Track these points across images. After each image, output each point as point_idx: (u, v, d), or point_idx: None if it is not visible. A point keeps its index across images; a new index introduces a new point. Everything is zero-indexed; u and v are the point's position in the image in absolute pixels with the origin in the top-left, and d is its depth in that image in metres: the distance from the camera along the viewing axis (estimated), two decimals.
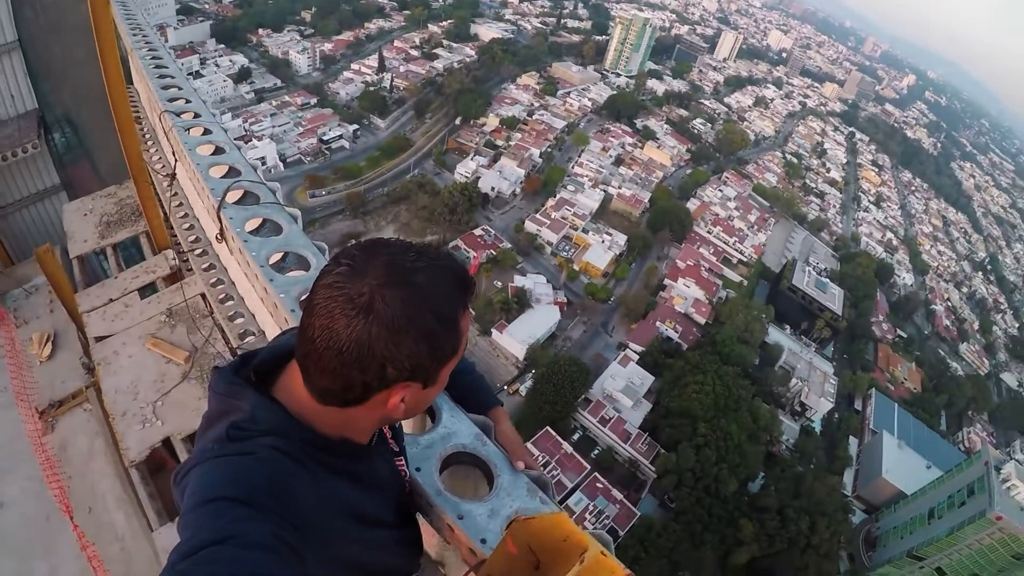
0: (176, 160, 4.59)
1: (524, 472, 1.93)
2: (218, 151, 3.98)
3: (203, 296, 5.69)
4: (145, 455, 4.68)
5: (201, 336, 5.54)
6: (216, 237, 3.43)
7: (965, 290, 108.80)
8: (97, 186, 9.95)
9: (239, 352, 4.20)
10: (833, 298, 74.21)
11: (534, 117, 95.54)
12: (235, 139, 4.18)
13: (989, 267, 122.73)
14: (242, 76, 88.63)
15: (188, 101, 4.75)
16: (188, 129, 4.22)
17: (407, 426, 2.14)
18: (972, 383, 76.15)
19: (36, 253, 6.90)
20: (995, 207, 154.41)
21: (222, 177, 3.62)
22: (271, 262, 2.82)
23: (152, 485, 4.83)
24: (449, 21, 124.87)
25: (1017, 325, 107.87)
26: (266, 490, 1.06)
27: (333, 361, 1.11)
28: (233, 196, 3.32)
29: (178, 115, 4.42)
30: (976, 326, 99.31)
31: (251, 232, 3.04)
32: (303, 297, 2.68)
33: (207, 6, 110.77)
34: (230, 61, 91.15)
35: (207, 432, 1.25)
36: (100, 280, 6.97)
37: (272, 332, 4.06)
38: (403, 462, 1.72)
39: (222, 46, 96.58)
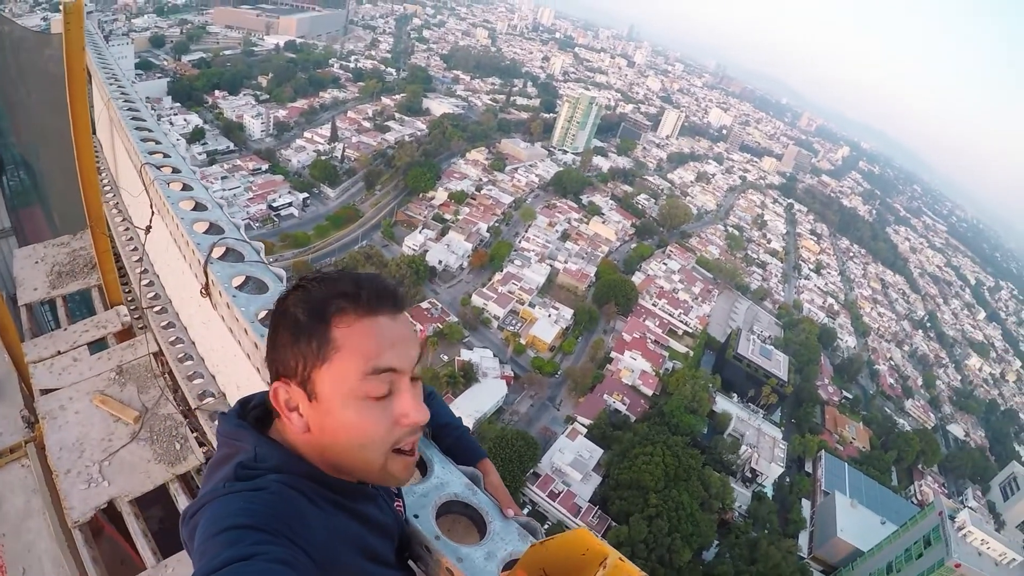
0: (153, 213, 4.51)
1: (514, 519, 2.02)
2: (199, 207, 4.02)
3: (155, 355, 5.53)
4: (90, 516, 4.41)
5: (152, 396, 5.31)
6: (201, 292, 3.39)
7: (907, 348, 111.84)
8: (48, 233, 9.84)
9: (195, 412, 4.50)
10: (778, 364, 75.28)
11: (482, 192, 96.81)
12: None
13: (928, 324, 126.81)
14: (195, 136, 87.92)
15: (167, 156, 4.76)
16: (168, 183, 4.26)
17: None
18: (920, 437, 77.17)
19: None
20: (930, 267, 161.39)
21: (205, 232, 3.66)
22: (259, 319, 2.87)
23: (96, 548, 4.43)
24: (402, 95, 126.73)
25: (959, 378, 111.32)
26: (281, 520, 1.10)
27: None
28: (216, 252, 3.38)
29: (158, 168, 4.45)
30: (920, 382, 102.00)
31: (236, 288, 3.09)
32: None
33: (166, 63, 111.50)
34: (184, 120, 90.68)
35: (215, 474, 1.29)
36: (45, 331, 6.67)
37: (236, 393, 4.14)
38: (401, 505, 1.80)
39: (178, 104, 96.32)
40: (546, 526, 45.50)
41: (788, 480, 64.70)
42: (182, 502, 4.42)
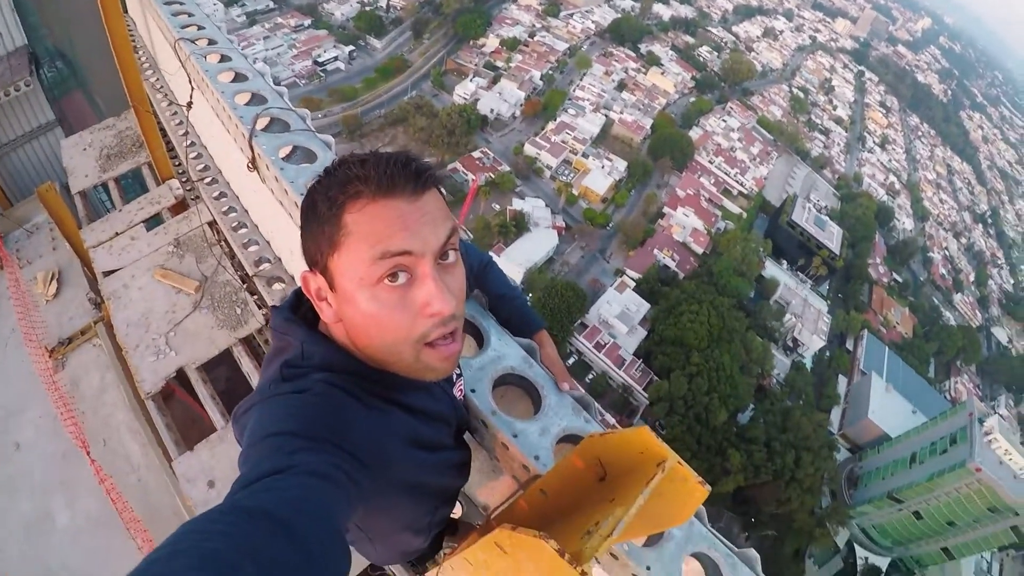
0: (193, 89, 4.35)
1: (569, 393, 2.01)
2: (239, 78, 3.84)
3: (210, 224, 5.72)
4: (160, 386, 4.66)
5: (210, 265, 5.50)
6: (248, 166, 3.34)
7: (964, 241, 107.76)
8: (92, 119, 9.77)
9: (253, 278, 4.58)
10: (831, 236, 73.58)
11: (535, 39, 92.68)
12: None
13: (990, 220, 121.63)
14: None
15: (201, 27, 4.48)
16: (205, 56, 4.08)
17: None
18: (963, 334, 76.05)
19: (38, 192, 6.89)
20: (1001, 161, 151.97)
21: (247, 104, 3.54)
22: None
23: (168, 415, 4.72)
24: None
25: (1012, 281, 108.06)
26: (322, 423, 1.07)
27: None
28: (260, 123, 3.26)
29: (193, 42, 4.21)
30: (972, 278, 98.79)
31: (283, 159, 3.05)
32: None
33: None
34: None
35: (267, 370, 1.27)
36: (102, 215, 6.79)
37: (291, 259, 4.25)
38: (462, 384, 1.76)
39: None
40: (590, 376, 46.94)
41: (828, 354, 64.69)
42: (246, 364, 4.69)
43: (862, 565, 49.76)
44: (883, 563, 50.24)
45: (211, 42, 4.26)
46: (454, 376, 1.63)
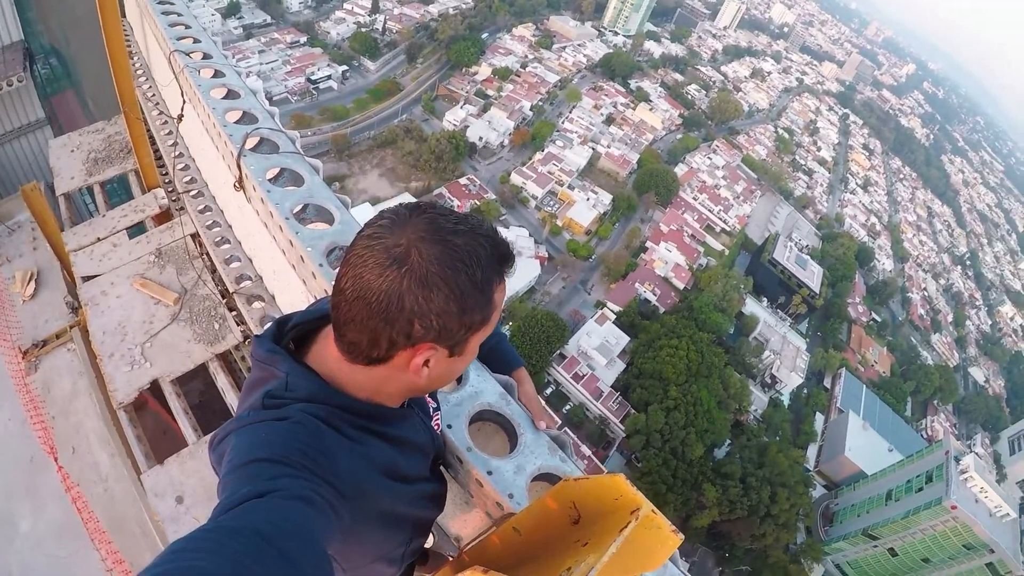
0: (185, 102, 4.47)
1: (545, 431, 2.03)
2: (231, 95, 3.88)
3: (192, 237, 5.69)
4: (133, 397, 4.62)
5: (190, 278, 5.48)
6: (234, 185, 3.35)
7: (943, 282, 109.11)
8: (82, 120, 9.89)
9: (233, 295, 4.54)
10: (812, 275, 74.34)
11: (527, 69, 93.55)
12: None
13: (968, 262, 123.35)
14: (231, 11, 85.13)
15: (197, 40, 4.56)
16: (199, 70, 4.13)
17: None
18: (940, 373, 76.83)
19: (22, 191, 6.73)
20: (980, 204, 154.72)
21: (237, 122, 3.56)
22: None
23: (140, 427, 4.70)
24: None
25: (990, 322, 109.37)
26: (302, 451, 1.08)
27: (362, 312, 1.11)
28: (249, 143, 3.30)
29: (188, 55, 4.28)
30: (950, 318, 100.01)
31: (270, 181, 3.07)
32: (333, 251, 2.75)
33: None
34: None
35: (247, 399, 1.29)
36: (85, 218, 6.85)
37: (272, 278, 4.23)
38: (439, 417, 1.78)
39: None
40: (567, 407, 46.86)
41: (806, 392, 65.23)
42: (221, 379, 4.64)
43: None
44: None
45: (206, 56, 4.32)
46: (431, 409, 1.69)
